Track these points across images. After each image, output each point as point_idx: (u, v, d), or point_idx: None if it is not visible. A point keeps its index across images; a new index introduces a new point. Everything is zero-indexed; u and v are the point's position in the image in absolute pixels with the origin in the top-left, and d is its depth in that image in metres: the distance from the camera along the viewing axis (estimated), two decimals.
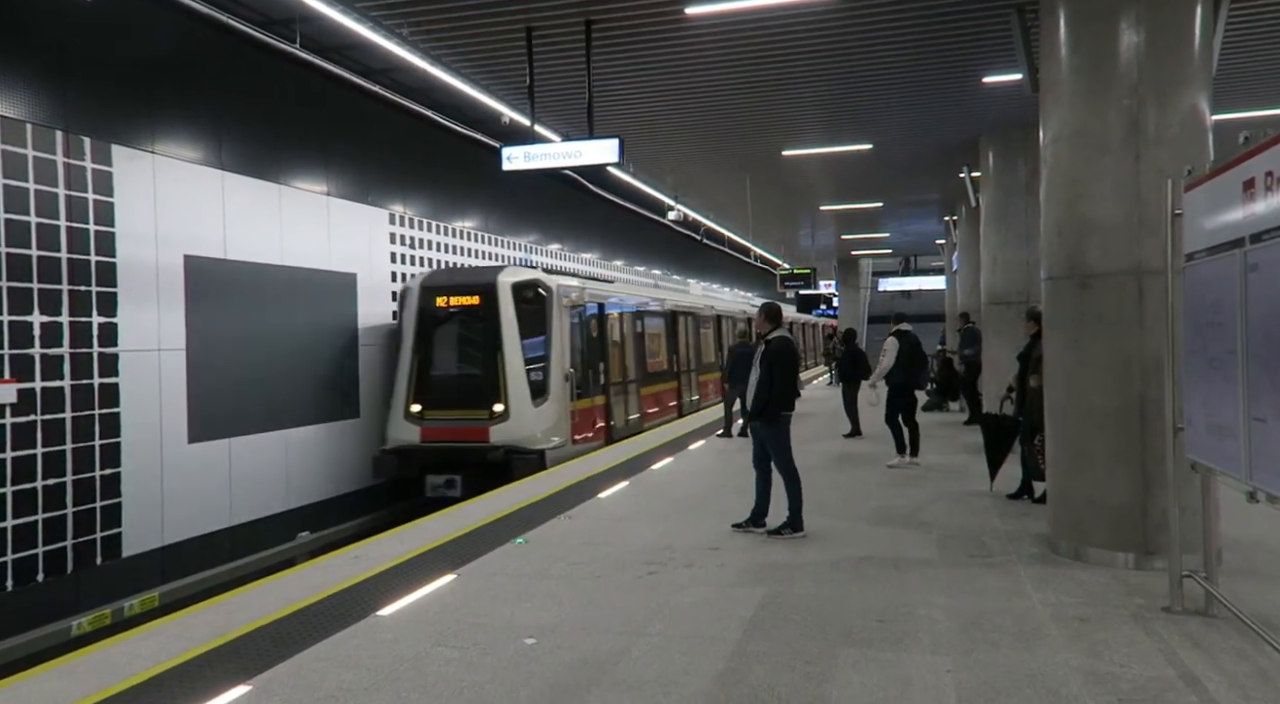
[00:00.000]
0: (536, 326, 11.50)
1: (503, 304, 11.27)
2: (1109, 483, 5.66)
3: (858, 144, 12.85)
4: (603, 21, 7.75)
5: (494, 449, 10.65)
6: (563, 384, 11.55)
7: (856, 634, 4.54)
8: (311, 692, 3.97)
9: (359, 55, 10.41)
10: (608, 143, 8.26)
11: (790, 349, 6.79)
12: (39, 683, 4.12)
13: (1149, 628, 4.51)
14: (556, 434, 11.27)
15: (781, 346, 6.73)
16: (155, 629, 4.85)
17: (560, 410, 11.46)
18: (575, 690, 3.92)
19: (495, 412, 11.01)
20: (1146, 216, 5.49)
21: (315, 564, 6.18)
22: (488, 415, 11.01)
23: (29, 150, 7.61)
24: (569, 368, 11.72)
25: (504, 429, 10.90)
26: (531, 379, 11.21)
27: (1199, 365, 4.47)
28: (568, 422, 11.57)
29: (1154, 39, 5.53)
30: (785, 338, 6.82)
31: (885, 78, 9.64)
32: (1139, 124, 5.55)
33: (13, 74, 7.52)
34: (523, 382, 11.09)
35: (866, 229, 25.07)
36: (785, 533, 6.67)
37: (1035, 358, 7.36)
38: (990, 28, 8.04)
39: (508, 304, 11.29)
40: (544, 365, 11.39)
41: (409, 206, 13.57)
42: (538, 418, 11.10)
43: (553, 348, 11.50)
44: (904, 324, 10.57)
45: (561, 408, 11.51)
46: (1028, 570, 5.64)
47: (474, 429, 10.97)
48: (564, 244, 20.01)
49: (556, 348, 11.54)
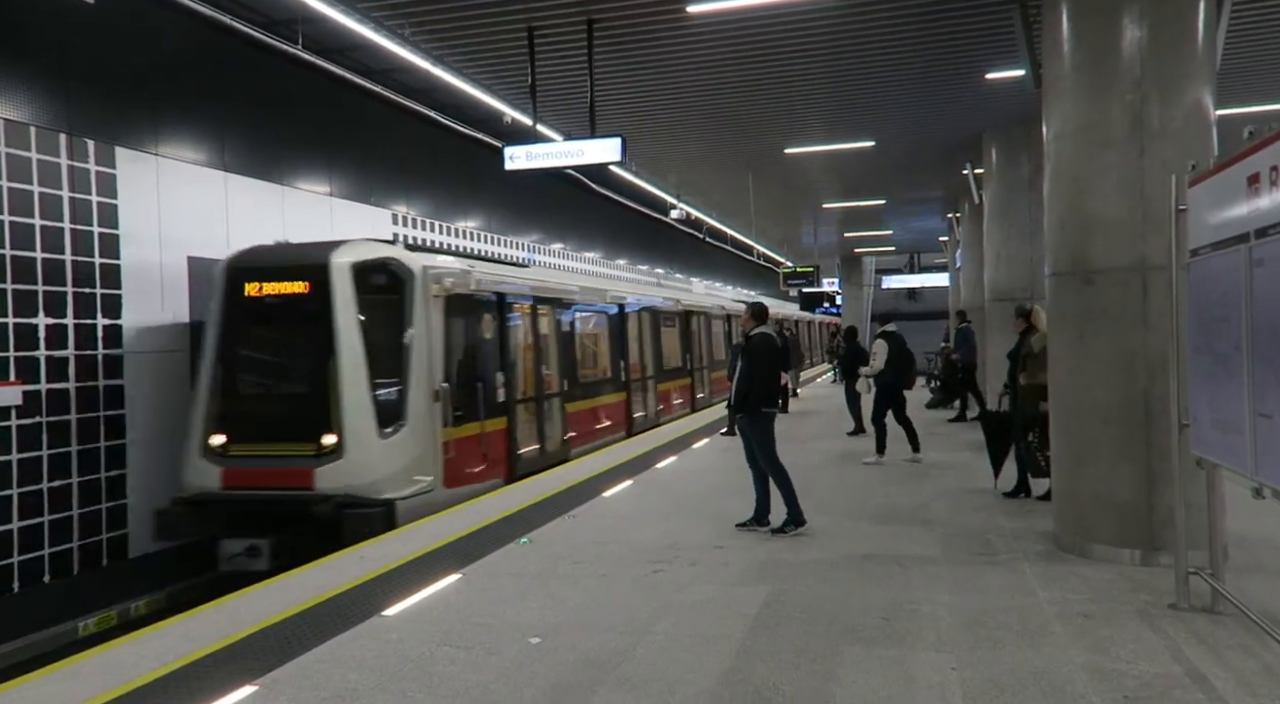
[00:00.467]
0: (391, 324, 8.21)
1: (338, 292, 7.92)
2: (1114, 479, 5.65)
3: (860, 141, 12.83)
4: (604, 20, 7.74)
5: (320, 500, 7.41)
6: (429, 405, 8.17)
7: (861, 632, 4.54)
8: (317, 692, 3.97)
9: (361, 56, 10.42)
10: (610, 142, 8.26)
11: (771, 345, 6.86)
12: (45, 684, 4.13)
13: (1155, 625, 4.50)
14: (418, 475, 8.00)
15: (762, 342, 6.82)
16: (160, 630, 4.87)
17: (425, 441, 8.15)
18: (580, 690, 3.92)
19: (325, 446, 7.72)
20: (1151, 212, 5.47)
21: (320, 565, 6.19)
22: (313, 451, 7.72)
23: (33, 153, 7.63)
24: (442, 382, 8.37)
25: (336, 471, 7.62)
26: (380, 398, 7.93)
27: (1204, 361, 4.46)
28: (437, 456, 8.26)
29: (1157, 33, 5.51)
30: (766, 334, 6.92)
31: (887, 75, 9.62)
32: (1143, 119, 5.53)
33: (16, 77, 7.54)
34: (365, 402, 7.81)
35: (869, 226, 25.05)
36: (789, 530, 6.67)
37: (1024, 355, 7.36)
38: (993, 24, 8.02)
39: (345, 292, 7.94)
40: (400, 378, 8.09)
41: (412, 207, 13.59)
42: (387, 453, 7.82)
43: (415, 354, 8.15)
44: (890, 324, 10.73)
45: (427, 438, 8.18)
46: (1032, 567, 5.63)
47: (294, 471, 7.68)
48: (567, 243, 20.02)
49: (422, 354, 8.20)
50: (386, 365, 8.09)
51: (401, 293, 8.25)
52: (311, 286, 8.08)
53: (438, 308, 8.47)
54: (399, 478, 7.81)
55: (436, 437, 8.28)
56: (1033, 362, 7.27)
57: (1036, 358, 7.22)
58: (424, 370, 8.21)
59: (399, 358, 8.14)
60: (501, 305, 9.83)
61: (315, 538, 7.16)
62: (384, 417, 7.91)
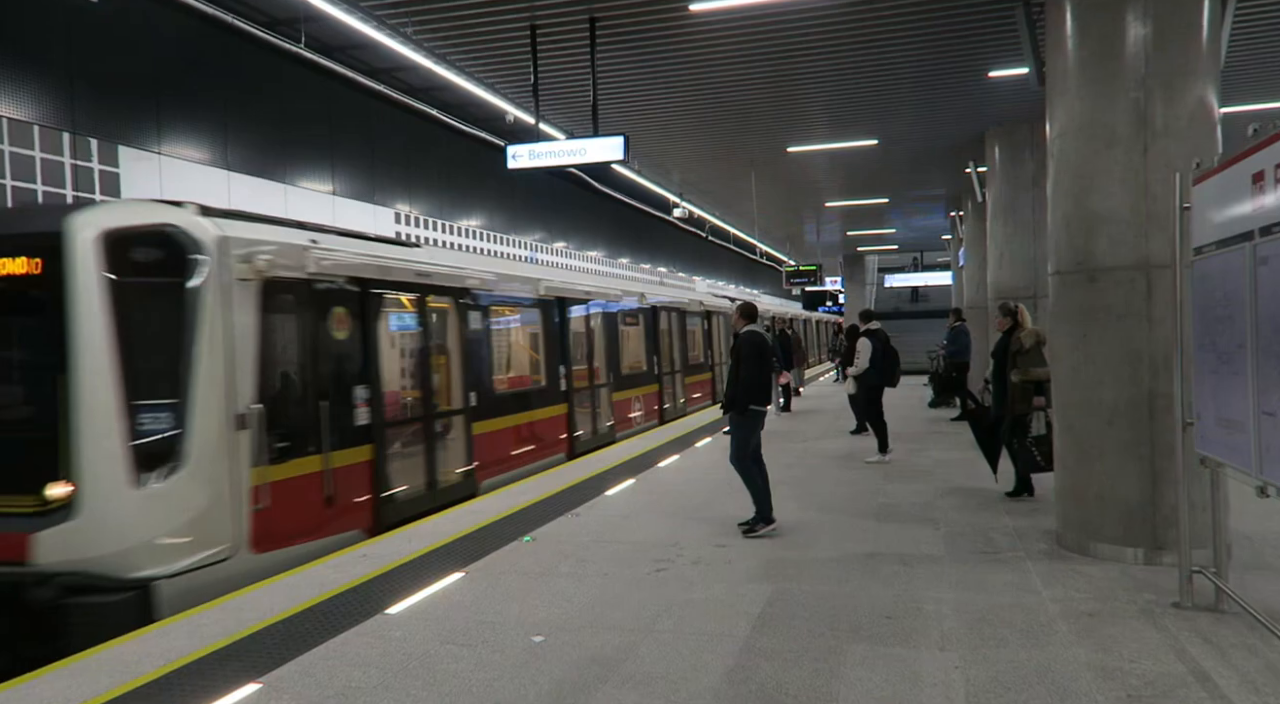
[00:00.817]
0: (166, 320, 5.72)
1: (77, 274, 5.41)
2: (1118, 478, 5.64)
3: (863, 140, 12.82)
4: (607, 18, 7.74)
5: (37, 580, 5.13)
6: (224, 435, 5.76)
7: (865, 630, 4.54)
8: (321, 689, 3.98)
9: (364, 55, 10.44)
10: (613, 140, 8.26)
11: (759, 344, 6.92)
12: (50, 681, 4.15)
13: (1159, 623, 4.50)
14: (200, 538, 5.59)
15: (750, 341, 6.88)
16: (165, 628, 4.87)
17: (215, 489, 5.69)
18: (584, 688, 3.93)
19: (49, 499, 5.27)
20: (1155, 210, 5.46)
21: (323, 563, 6.20)
22: (31, 508, 5.28)
23: (36, 152, 7.64)
24: (252, 402, 5.94)
25: (65, 536, 5.21)
26: (140, 428, 5.46)
27: (1208, 359, 4.45)
28: (240, 509, 5.84)
29: (1162, 30, 5.50)
30: (755, 332, 6.98)
31: (890, 73, 9.61)
32: (1147, 117, 5.52)
33: (20, 75, 7.55)
34: (112, 433, 5.34)
35: (872, 225, 25.03)
36: (759, 528, 6.69)
37: (1013, 353, 7.35)
38: (995, 21, 8.01)
39: (88, 273, 5.43)
40: (178, 397, 5.61)
41: (414, 206, 13.59)
42: (147, 509, 5.40)
43: (203, 362, 5.69)
44: (873, 323, 10.80)
45: (219, 483, 5.73)
46: (1036, 566, 5.62)
47: (1, 537, 5.29)
48: (570, 242, 20.01)
49: (215, 362, 5.76)
50: (154, 380, 5.64)
51: (184, 274, 5.71)
52: (39, 265, 5.55)
53: (248, 296, 6.01)
54: (166, 546, 5.41)
55: (240, 480, 5.84)
56: (1024, 358, 7.26)
57: (1028, 354, 7.25)
58: (216, 386, 5.75)
59: (177, 368, 5.63)
60: (366, 297, 7.25)
61: (33, 635, 5.06)
62: (146, 455, 5.43)
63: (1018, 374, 7.28)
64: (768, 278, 41.90)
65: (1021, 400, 7.27)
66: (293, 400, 6.49)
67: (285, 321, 6.47)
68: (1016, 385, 7.29)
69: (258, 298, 6.13)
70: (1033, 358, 7.26)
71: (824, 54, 8.91)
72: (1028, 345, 7.30)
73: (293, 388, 6.53)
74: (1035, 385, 7.22)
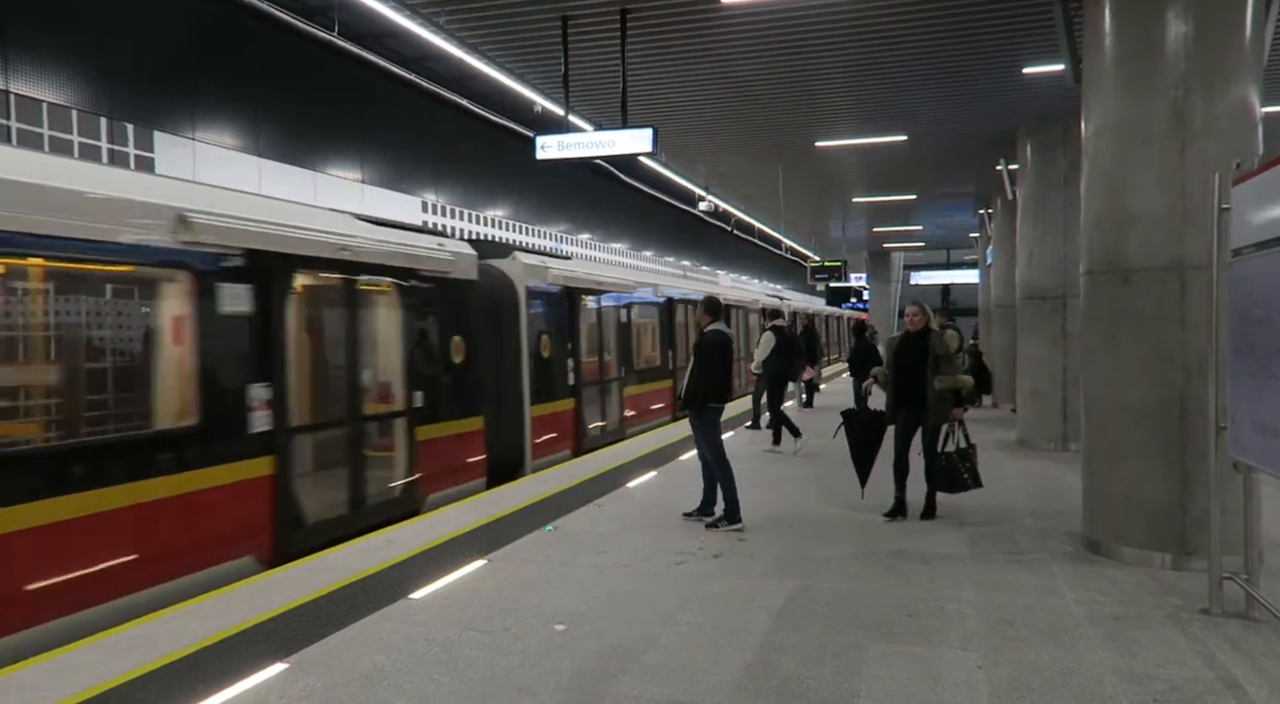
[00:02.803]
0: None
1: None
2: (1146, 481, 5.57)
3: (892, 135, 12.71)
4: (638, 10, 7.72)
5: None
6: None
7: (886, 628, 4.52)
8: (346, 672, 4.03)
9: (395, 44, 10.49)
10: (641, 132, 8.24)
11: (721, 342, 6.89)
12: (80, 655, 4.23)
13: (1187, 629, 4.44)
14: None
15: (713, 340, 6.85)
16: (193, 607, 4.95)
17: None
18: (604, 677, 3.95)
19: None
20: (1191, 210, 5.38)
21: (347, 548, 6.27)
22: None
23: (75, 136, 7.76)
24: None
25: None
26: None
27: (1244, 363, 4.38)
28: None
29: (1203, 28, 5.40)
30: (718, 331, 6.92)
31: (922, 68, 9.51)
32: (1185, 115, 5.43)
33: (59, 61, 7.67)
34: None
35: (899, 221, 24.82)
36: (721, 525, 6.72)
37: (936, 356, 6.75)
38: (1031, 17, 7.90)
39: None
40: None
41: (441, 194, 13.66)
42: None
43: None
44: (780, 319, 11.89)
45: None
46: (1060, 568, 5.57)
47: None
48: (594, 233, 20.04)
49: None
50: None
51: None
52: None
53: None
54: None
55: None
56: (949, 363, 6.78)
57: (950, 359, 6.81)
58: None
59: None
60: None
61: None
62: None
63: (943, 381, 6.72)
64: (792, 273, 41.71)
65: (941, 410, 6.74)
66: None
67: None
68: (940, 393, 6.73)
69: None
70: (957, 362, 6.88)
71: (855, 48, 8.83)
72: (953, 348, 6.88)
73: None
74: (958, 394, 6.77)
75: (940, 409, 6.75)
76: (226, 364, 5.60)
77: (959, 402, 6.76)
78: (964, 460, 6.78)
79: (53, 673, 4.03)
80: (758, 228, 26.55)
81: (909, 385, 6.85)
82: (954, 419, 6.75)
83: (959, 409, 6.77)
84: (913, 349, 6.87)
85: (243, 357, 5.69)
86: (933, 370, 6.75)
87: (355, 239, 6.76)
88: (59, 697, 3.76)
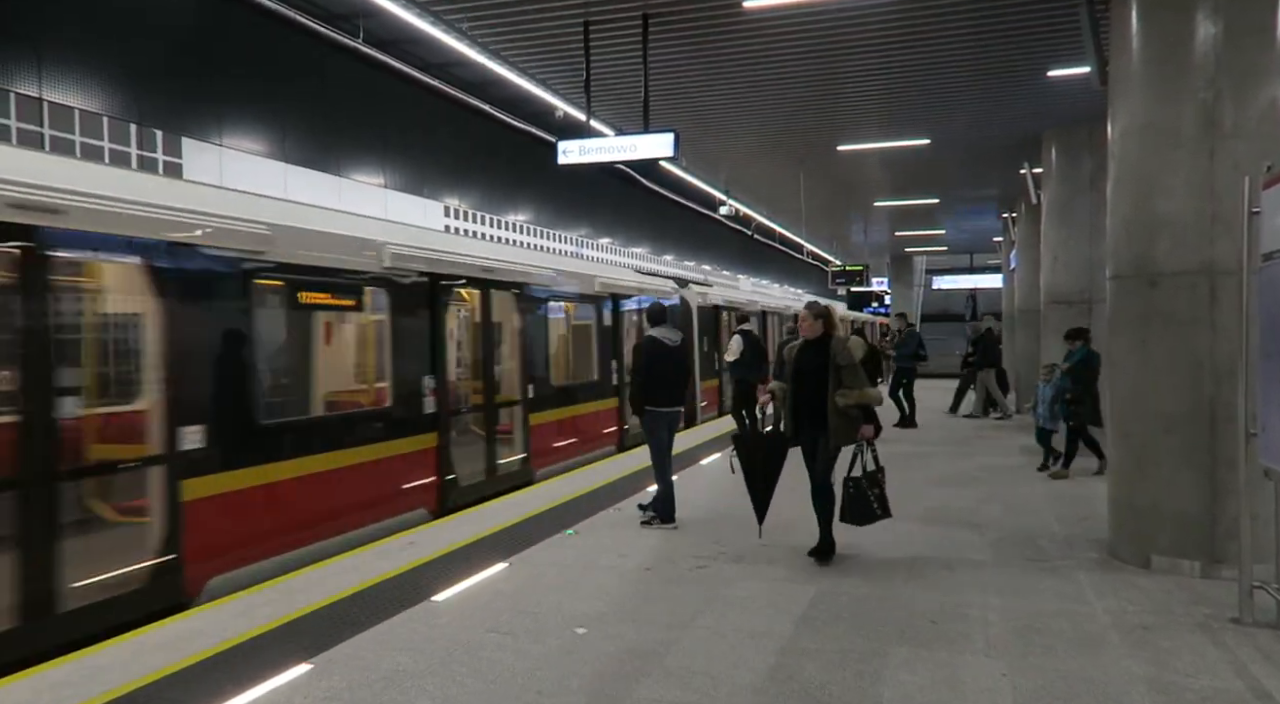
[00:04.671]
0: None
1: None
2: (1175, 488, 5.50)
3: (915, 139, 12.64)
4: (660, 15, 7.73)
5: None
6: None
7: (909, 634, 4.49)
8: (369, 672, 4.06)
9: (419, 50, 10.58)
10: (663, 137, 8.25)
11: (654, 349, 7.07)
12: (107, 655, 4.29)
13: (1216, 639, 4.38)
14: None
15: (647, 346, 7.09)
16: (218, 607, 5.01)
17: None
18: (625, 680, 3.95)
19: None
20: (1221, 214, 5.30)
21: (370, 550, 6.31)
22: None
23: (105, 142, 7.89)
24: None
25: None
26: None
27: (1275, 368, 4.31)
28: None
29: (1233, 29, 5.33)
30: (651, 338, 7.13)
31: (945, 71, 9.46)
32: (1215, 117, 5.36)
33: (91, 69, 7.81)
34: None
35: (922, 225, 24.67)
36: (652, 520, 7.01)
37: (837, 366, 5.78)
38: (1057, 19, 7.83)
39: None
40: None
41: (463, 199, 13.75)
42: None
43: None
44: (747, 323, 12.28)
45: None
46: (1087, 575, 5.50)
47: None
48: (614, 237, 20.08)
49: None
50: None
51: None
52: None
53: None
54: None
55: None
56: (851, 374, 5.79)
57: (854, 370, 5.83)
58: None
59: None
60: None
61: None
62: None
63: (846, 396, 5.74)
64: (812, 277, 41.56)
65: (844, 430, 5.77)
66: None
67: None
68: (839, 411, 5.75)
69: None
70: (862, 374, 5.88)
71: (878, 51, 8.80)
72: (859, 356, 5.96)
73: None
74: (867, 410, 5.86)
75: (843, 429, 5.77)
76: None
77: (868, 418, 5.87)
78: (873, 486, 5.81)
79: (82, 671, 4.09)
80: (778, 232, 26.48)
81: (810, 400, 5.88)
82: (862, 438, 5.81)
83: (867, 426, 5.82)
84: (813, 358, 5.91)
85: None
86: (834, 383, 5.77)
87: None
88: (88, 695, 3.82)
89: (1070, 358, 8.99)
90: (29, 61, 7.48)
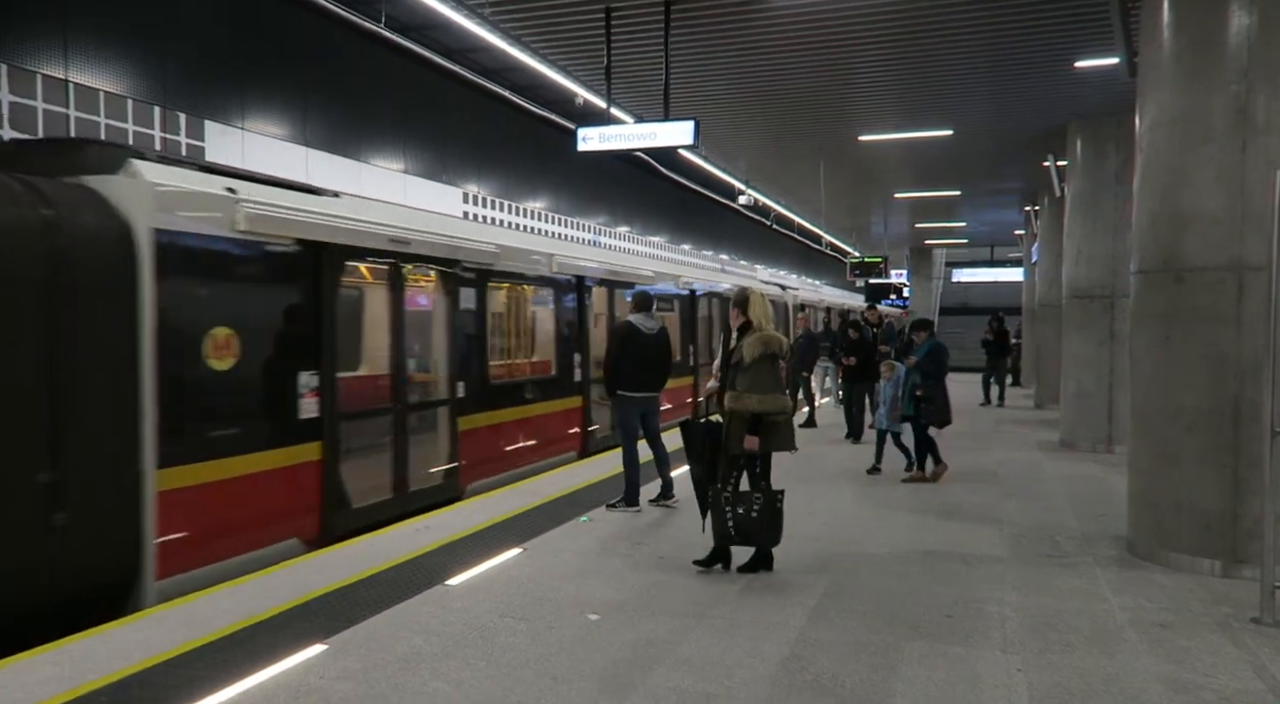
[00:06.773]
0: None
1: None
2: (1197, 486, 5.44)
3: (938, 130, 12.51)
4: (682, 2, 7.68)
5: None
6: None
7: (924, 628, 4.47)
8: (384, 654, 4.09)
9: (440, 35, 10.56)
10: (683, 125, 8.20)
11: (626, 334, 7.14)
12: (129, 632, 4.34)
13: (1237, 638, 4.33)
14: None
15: (621, 329, 7.24)
16: (236, 587, 5.06)
17: None
18: (639, 667, 3.96)
19: None
20: (1251, 209, 5.22)
21: (385, 533, 6.35)
22: None
23: (130, 125, 7.95)
24: None
25: None
26: None
27: None
28: None
29: (1267, 21, 5.22)
30: (628, 322, 7.25)
31: (970, 61, 9.34)
32: (1247, 111, 5.26)
33: (117, 52, 7.85)
34: None
35: (942, 218, 24.46)
36: (619, 505, 7.10)
37: (739, 366, 5.26)
38: (1085, 9, 7.71)
39: None
40: None
41: (482, 186, 13.75)
42: None
43: None
44: None
45: None
46: (1105, 572, 5.46)
47: None
48: (633, 225, 20.03)
49: None
50: None
51: None
52: None
53: None
54: None
55: None
56: (741, 375, 5.21)
57: (747, 371, 5.20)
58: None
59: None
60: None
61: None
62: None
63: (734, 399, 5.21)
64: (830, 268, 41.32)
65: (736, 434, 5.22)
66: None
67: None
68: (730, 413, 5.26)
69: None
70: (759, 376, 5.19)
71: (901, 41, 8.70)
72: (749, 359, 5.18)
73: None
74: (756, 417, 5.15)
75: (733, 432, 5.23)
76: None
77: (752, 429, 5.18)
78: (737, 505, 5.20)
79: (102, 647, 4.14)
80: (797, 222, 26.33)
81: None
82: (748, 449, 5.20)
83: (751, 438, 5.18)
84: (735, 351, 5.40)
85: None
86: (729, 382, 5.31)
87: None
88: (108, 670, 3.87)
89: (916, 352, 8.37)
90: (56, 44, 7.53)
